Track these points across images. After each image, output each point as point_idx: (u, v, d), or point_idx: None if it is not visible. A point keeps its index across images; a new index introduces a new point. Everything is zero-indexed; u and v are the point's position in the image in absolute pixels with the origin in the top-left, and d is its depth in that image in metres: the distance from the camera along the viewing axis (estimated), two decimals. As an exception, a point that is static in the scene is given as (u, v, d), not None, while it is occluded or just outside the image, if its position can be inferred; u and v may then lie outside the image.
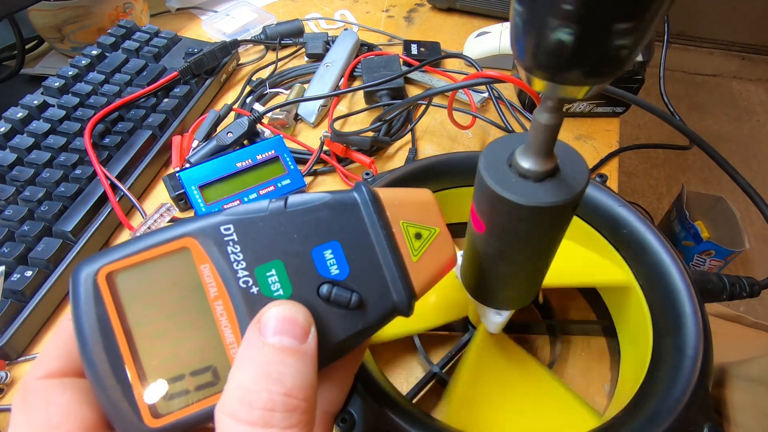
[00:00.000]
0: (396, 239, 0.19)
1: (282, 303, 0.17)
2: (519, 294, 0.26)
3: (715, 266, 1.11)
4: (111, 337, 0.16)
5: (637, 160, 1.58)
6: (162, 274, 0.17)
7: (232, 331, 0.17)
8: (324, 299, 0.18)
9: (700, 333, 0.25)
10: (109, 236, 0.42)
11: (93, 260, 0.17)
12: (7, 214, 0.38)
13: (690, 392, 0.23)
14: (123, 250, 0.17)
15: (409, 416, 0.23)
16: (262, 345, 0.16)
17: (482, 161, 0.20)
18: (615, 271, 0.32)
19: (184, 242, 0.18)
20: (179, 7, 0.69)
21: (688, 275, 0.27)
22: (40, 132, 0.43)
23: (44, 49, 0.63)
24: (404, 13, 0.70)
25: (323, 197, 0.19)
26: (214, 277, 0.17)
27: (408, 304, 0.19)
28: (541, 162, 0.19)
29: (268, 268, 0.18)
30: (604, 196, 0.31)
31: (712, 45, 1.86)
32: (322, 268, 0.18)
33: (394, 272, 0.19)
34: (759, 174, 1.54)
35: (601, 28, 0.13)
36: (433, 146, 0.50)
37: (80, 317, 0.17)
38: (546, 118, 0.17)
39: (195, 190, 0.41)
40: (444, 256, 0.20)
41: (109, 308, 0.17)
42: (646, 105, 0.38)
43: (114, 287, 0.17)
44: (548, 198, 0.19)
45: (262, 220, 0.18)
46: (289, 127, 0.51)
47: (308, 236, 0.18)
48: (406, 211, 0.20)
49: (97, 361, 0.16)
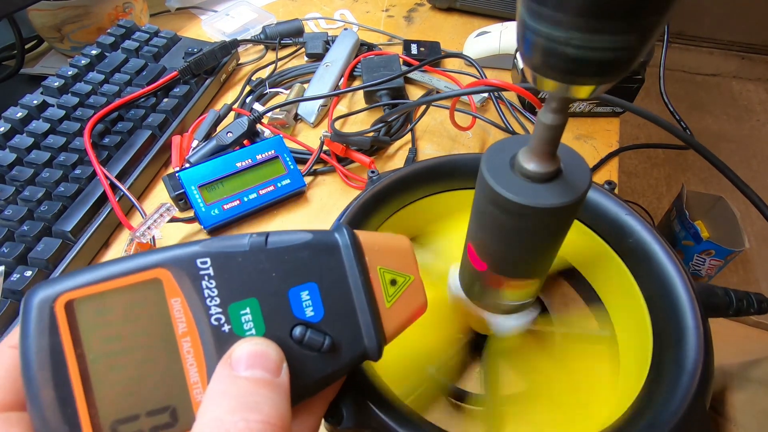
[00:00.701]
0: (372, 285, 0.19)
1: (253, 339, 0.17)
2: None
3: (715, 266, 1.11)
4: (63, 372, 0.15)
5: (637, 159, 1.58)
6: (128, 305, 0.16)
7: (198, 370, 0.16)
8: (296, 341, 0.18)
9: (700, 348, 0.25)
10: (109, 236, 0.42)
11: (52, 284, 0.16)
12: (7, 214, 0.38)
13: (686, 408, 0.23)
14: (88, 275, 0.16)
15: (397, 414, 0.23)
16: (234, 378, 0.15)
17: (484, 163, 0.20)
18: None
19: (156, 273, 0.17)
20: (179, 7, 0.69)
21: (693, 288, 0.27)
22: (40, 132, 0.43)
23: (44, 48, 0.63)
24: (404, 12, 0.70)
25: (305, 237, 0.18)
26: (184, 312, 0.17)
27: (378, 349, 0.19)
28: (545, 163, 0.19)
29: (242, 306, 0.17)
30: (611, 203, 0.31)
31: (712, 45, 1.86)
32: (298, 309, 0.18)
33: (367, 318, 0.19)
34: (759, 174, 1.54)
35: (607, 33, 0.13)
36: (433, 146, 0.50)
37: (28, 347, 0.15)
38: (551, 119, 0.18)
39: (195, 189, 0.41)
40: (415, 303, 0.20)
41: (64, 339, 0.15)
42: (640, 111, 0.38)
43: (72, 316, 0.16)
44: (552, 199, 0.19)
45: (242, 255, 0.18)
46: (289, 127, 0.51)
47: (287, 276, 0.18)
48: (384, 257, 0.20)
49: (44, 398, 0.15)
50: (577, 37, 0.13)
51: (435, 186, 0.35)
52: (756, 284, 1.27)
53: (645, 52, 0.14)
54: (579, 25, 0.13)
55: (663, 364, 0.26)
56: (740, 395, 0.36)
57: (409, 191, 0.34)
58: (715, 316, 0.28)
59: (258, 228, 0.43)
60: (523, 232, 0.21)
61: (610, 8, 0.13)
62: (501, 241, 0.22)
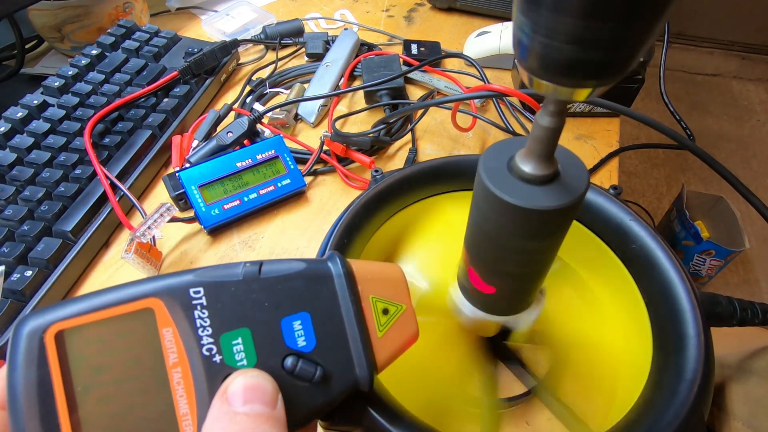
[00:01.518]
0: (365, 314, 0.19)
1: (247, 371, 0.17)
2: (514, 300, 0.26)
3: (715, 266, 1.11)
4: (50, 404, 0.15)
5: (637, 159, 1.58)
6: (119, 335, 0.16)
7: (187, 402, 0.16)
8: (288, 372, 0.17)
9: (701, 357, 0.24)
10: (109, 236, 0.42)
11: (43, 314, 0.16)
12: (7, 214, 0.38)
13: (684, 417, 0.22)
14: (80, 305, 0.16)
15: (389, 413, 0.23)
16: (233, 415, 0.15)
17: (482, 164, 0.20)
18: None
19: (149, 302, 0.17)
20: (179, 7, 0.69)
21: (696, 296, 0.27)
22: (40, 132, 0.43)
23: (44, 48, 0.63)
24: (404, 12, 0.70)
25: (298, 266, 0.19)
26: (176, 342, 0.17)
27: (369, 379, 0.19)
28: (542, 165, 0.19)
29: (234, 336, 0.17)
30: (615, 208, 0.31)
31: (712, 45, 1.86)
32: (290, 339, 0.18)
33: (359, 348, 0.19)
34: (759, 174, 1.54)
35: (604, 34, 0.13)
36: (433, 146, 0.50)
37: (16, 379, 0.15)
38: (548, 121, 0.17)
39: (195, 189, 0.41)
40: (407, 332, 0.20)
41: (53, 370, 0.15)
42: (637, 115, 0.38)
43: (62, 347, 0.16)
44: (550, 202, 0.18)
45: (235, 285, 0.18)
46: (289, 127, 0.51)
47: (279, 305, 0.18)
48: (377, 286, 0.20)
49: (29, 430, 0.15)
50: (572, 39, 0.13)
51: (439, 186, 0.35)
52: (756, 284, 1.27)
53: (642, 54, 0.14)
54: (574, 28, 0.13)
55: (662, 371, 0.26)
56: (738, 387, 0.36)
57: (412, 191, 0.34)
58: (718, 326, 0.27)
59: (258, 228, 0.43)
60: (519, 236, 0.20)
61: (606, 10, 0.12)
62: (497, 245, 0.22)
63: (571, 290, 0.33)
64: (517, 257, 0.22)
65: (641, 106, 1.75)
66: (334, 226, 0.31)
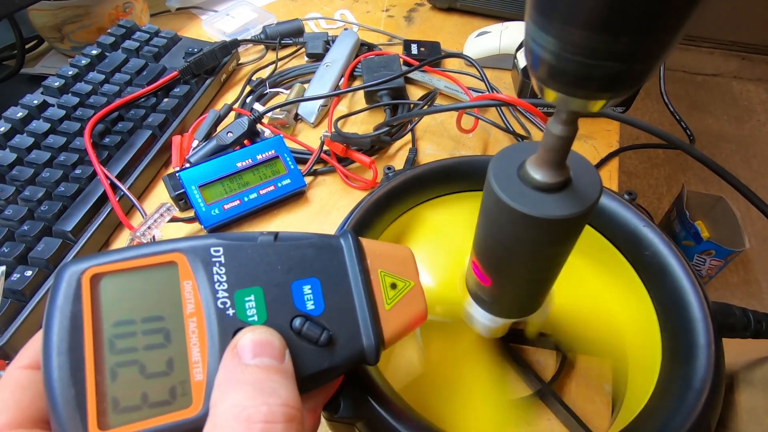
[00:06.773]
0: (372, 286, 0.20)
1: (256, 328, 0.18)
2: (521, 304, 0.26)
3: (716, 266, 1.11)
4: (78, 337, 0.16)
5: (637, 160, 1.58)
6: (145, 283, 0.18)
7: (200, 350, 0.17)
8: (295, 332, 0.18)
9: (710, 367, 0.24)
10: (109, 236, 0.42)
11: (82, 260, 0.18)
12: (7, 214, 0.38)
13: (690, 426, 0.22)
14: (114, 255, 0.18)
15: (392, 407, 0.23)
16: (245, 367, 0.16)
17: (491, 171, 0.20)
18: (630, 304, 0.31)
19: (173, 257, 0.18)
20: (179, 7, 0.69)
21: (708, 306, 0.26)
22: (40, 132, 0.43)
23: (44, 48, 0.63)
24: (404, 12, 0.70)
25: (312, 237, 0.20)
26: (194, 294, 0.18)
27: (376, 350, 0.19)
28: (553, 173, 0.18)
29: (247, 293, 0.18)
30: (629, 214, 0.30)
31: (712, 45, 1.86)
32: (299, 302, 0.19)
33: (366, 318, 0.19)
34: (759, 174, 1.54)
35: (619, 47, 0.13)
36: (433, 146, 0.50)
37: (53, 312, 0.17)
38: (560, 130, 0.17)
39: (195, 189, 0.41)
40: (415, 309, 0.21)
41: (85, 307, 0.17)
42: (634, 122, 0.38)
43: (96, 288, 0.17)
44: (561, 210, 0.18)
45: (251, 248, 0.19)
46: (289, 127, 0.51)
47: (291, 269, 0.19)
48: (385, 261, 0.21)
49: (57, 359, 0.16)
50: (586, 51, 0.13)
51: (451, 186, 0.34)
52: (756, 284, 1.27)
53: (658, 66, 0.14)
54: (588, 39, 0.13)
55: (671, 380, 0.25)
56: (741, 396, 0.36)
57: (423, 190, 0.34)
58: (731, 337, 0.27)
59: (258, 228, 0.43)
60: (529, 243, 0.20)
61: (620, 24, 0.12)
62: (504, 252, 0.22)
63: (581, 290, 0.33)
64: (529, 263, 0.22)
65: (641, 106, 1.75)
66: (345, 221, 0.31)
